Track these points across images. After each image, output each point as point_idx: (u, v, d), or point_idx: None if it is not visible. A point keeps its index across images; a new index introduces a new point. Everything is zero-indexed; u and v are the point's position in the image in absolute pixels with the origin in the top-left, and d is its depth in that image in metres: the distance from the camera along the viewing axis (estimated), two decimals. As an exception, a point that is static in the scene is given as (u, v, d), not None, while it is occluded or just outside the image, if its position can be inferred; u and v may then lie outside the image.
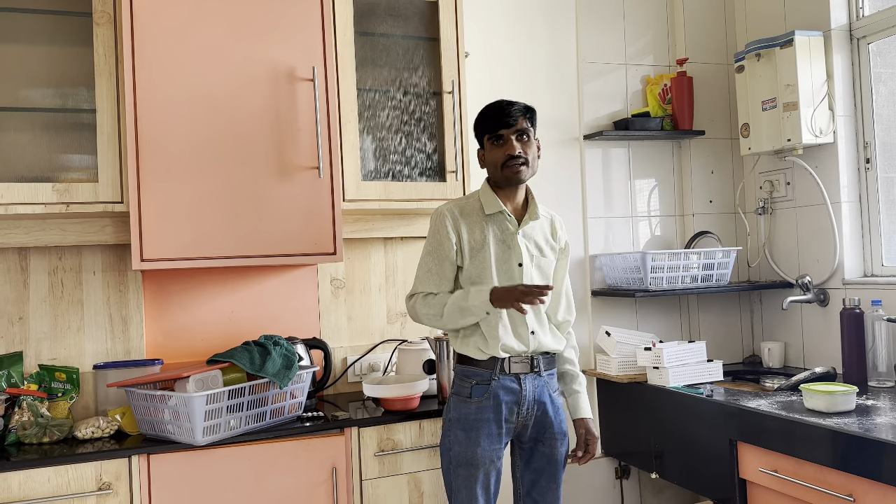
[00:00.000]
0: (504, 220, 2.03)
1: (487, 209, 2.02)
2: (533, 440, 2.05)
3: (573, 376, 2.15)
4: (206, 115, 2.17)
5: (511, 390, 1.98)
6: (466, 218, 2.02)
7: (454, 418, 2.00)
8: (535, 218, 2.05)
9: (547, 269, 2.07)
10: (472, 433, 1.96)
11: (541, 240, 2.07)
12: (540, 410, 2.02)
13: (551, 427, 2.04)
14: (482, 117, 2.03)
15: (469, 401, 1.98)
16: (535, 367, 2.01)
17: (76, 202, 2.12)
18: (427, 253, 2.04)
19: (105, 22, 2.16)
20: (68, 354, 2.36)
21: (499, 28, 2.92)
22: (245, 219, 2.20)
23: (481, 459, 1.95)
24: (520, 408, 2.00)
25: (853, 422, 1.96)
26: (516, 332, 2.00)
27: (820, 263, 2.83)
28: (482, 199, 2.04)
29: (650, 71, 3.14)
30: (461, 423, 1.98)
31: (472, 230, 2.01)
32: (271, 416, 2.14)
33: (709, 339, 3.05)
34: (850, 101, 2.77)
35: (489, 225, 2.02)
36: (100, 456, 1.93)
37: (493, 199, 2.02)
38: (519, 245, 2.02)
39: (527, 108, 2.01)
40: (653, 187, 3.14)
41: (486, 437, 1.96)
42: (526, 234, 2.04)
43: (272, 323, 2.57)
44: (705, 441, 2.39)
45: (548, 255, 2.08)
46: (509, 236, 2.02)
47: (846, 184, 2.75)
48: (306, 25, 2.27)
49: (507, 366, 1.98)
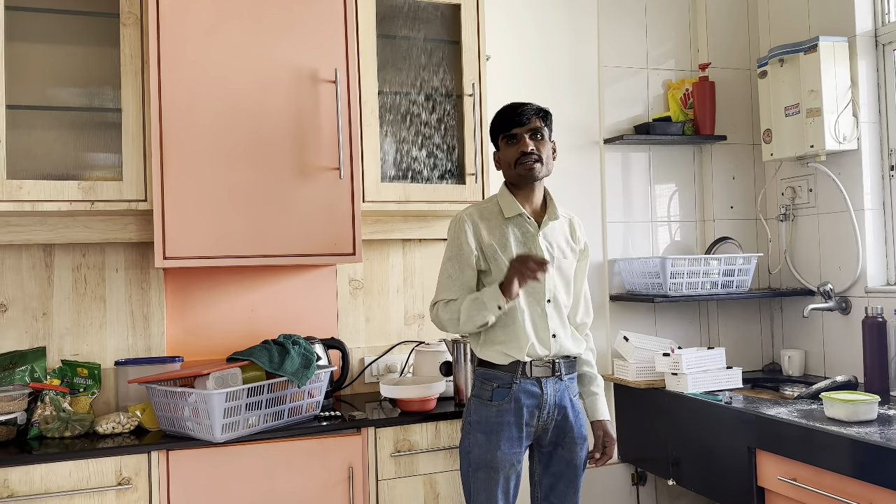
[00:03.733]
0: (524, 222, 2.03)
1: (507, 212, 2.02)
2: (553, 444, 2.04)
3: (591, 378, 2.14)
4: (230, 115, 2.20)
5: (532, 394, 1.98)
6: (486, 222, 2.02)
7: (474, 421, 2.00)
8: (554, 218, 2.05)
9: (567, 270, 2.07)
10: (492, 436, 1.96)
11: (561, 241, 2.07)
12: (560, 415, 2.02)
13: (571, 431, 2.03)
14: (496, 118, 2.04)
15: (490, 404, 1.98)
16: (557, 370, 2.01)
17: (101, 200, 2.15)
18: (448, 259, 2.04)
19: (132, 23, 2.19)
20: (90, 350, 2.39)
21: (520, 31, 2.92)
22: (266, 218, 2.22)
23: (501, 463, 1.95)
24: (541, 412, 1.99)
25: (874, 431, 1.94)
26: (538, 336, 1.99)
27: (842, 271, 2.80)
28: (501, 202, 2.05)
29: (672, 75, 3.13)
30: (481, 426, 1.98)
31: (493, 234, 2.01)
32: (289, 415, 2.16)
33: (728, 346, 3.02)
34: (874, 108, 2.74)
35: (509, 228, 2.02)
36: (120, 451, 1.96)
37: (511, 202, 2.02)
38: (540, 247, 2.02)
39: (540, 108, 2.02)
40: (673, 192, 3.13)
41: (506, 440, 1.96)
42: (546, 235, 2.04)
43: (291, 322, 2.58)
44: (723, 448, 2.37)
45: (568, 256, 2.08)
46: (530, 238, 2.02)
47: (870, 191, 2.72)
48: (329, 28, 2.29)
49: (529, 369, 1.98)
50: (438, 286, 2.06)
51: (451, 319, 1.99)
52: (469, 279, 2.02)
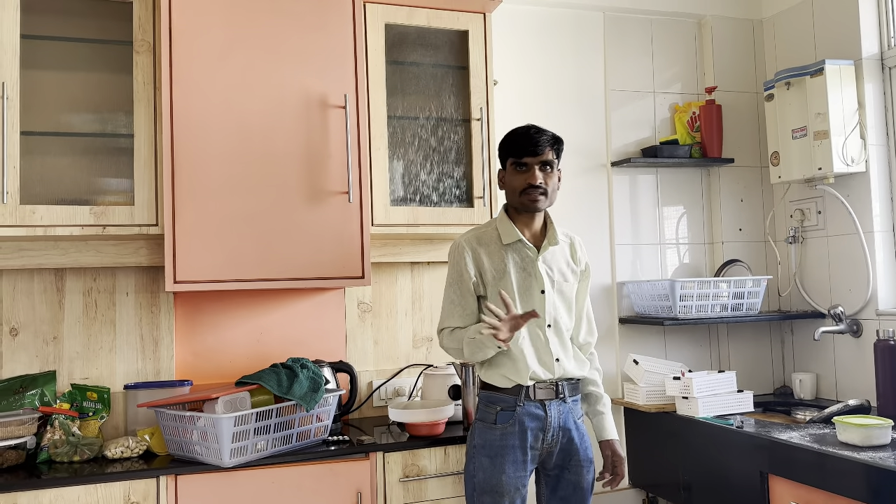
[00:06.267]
0: (523, 248, 2.03)
1: (505, 238, 2.02)
2: (559, 467, 2.03)
3: (597, 397, 2.14)
4: (240, 140, 2.22)
5: (536, 416, 1.97)
6: (485, 248, 2.03)
7: (478, 444, 1.99)
8: (554, 244, 2.05)
9: (569, 293, 2.07)
10: (496, 459, 1.95)
11: (562, 264, 2.07)
12: (565, 437, 2.01)
13: (577, 454, 2.02)
14: (510, 140, 2.03)
15: (494, 427, 1.97)
16: (560, 393, 2.00)
17: (112, 224, 2.17)
18: (449, 285, 2.06)
19: (145, 50, 2.23)
20: (100, 374, 2.40)
21: (527, 56, 2.95)
22: (275, 242, 2.23)
23: (506, 487, 1.94)
24: (545, 434, 1.98)
25: (888, 456, 1.92)
26: (541, 360, 1.99)
27: (852, 293, 2.78)
28: (500, 228, 2.05)
29: (678, 99, 3.15)
30: (486, 450, 1.97)
31: (492, 259, 2.02)
32: (297, 439, 2.15)
33: (739, 369, 3.00)
34: (882, 130, 2.74)
35: (508, 253, 2.02)
36: (128, 476, 1.95)
37: (510, 229, 2.02)
38: (540, 272, 2.02)
39: (555, 138, 2.01)
40: (681, 215, 3.13)
41: (511, 463, 1.95)
42: (546, 259, 2.04)
43: (299, 345, 2.59)
44: (735, 473, 2.34)
45: (569, 279, 2.08)
46: (529, 263, 2.02)
47: (879, 213, 2.71)
48: (339, 54, 2.32)
49: (533, 392, 1.98)
50: (443, 311, 2.07)
51: (457, 349, 2.01)
52: (470, 304, 2.03)
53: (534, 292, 2.01)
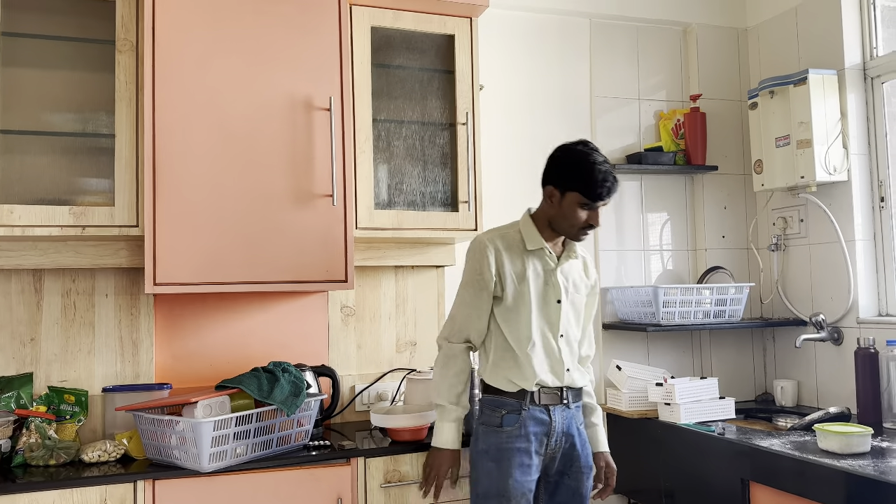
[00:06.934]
0: (545, 256, 2.03)
1: (529, 245, 2.02)
2: (559, 473, 2.02)
3: (591, 409, 2.15)
4: (223, 141, 2.20)
5: (541, 421, 1.97)
6: (509, 251, 2.02)
7: (483, 450, 1.97)
8: (574, 257, 2.08)
9: (578, 306, 2.09)
10: (503, 463, 1.93)
11: (577, 277, 2.09)
12: (568, 443, 2.01)
13: (578, 460, 2.02)
14: (586, 179, 1.93)
15: (500, 430, 1.96)
16: (565, 398, 2.00)
17: (92, 225, 2.14)
18: (464, 285, 2.03)
19: (127, 49, 2.21)
20: (78, 377, 2.36)
21: (514, 62, 2.95)
22: (258, 245, 2.21)
23: (514, 491, 1.91)
24: (549, 440, 1.98)
25: (868, 464, 1.93)
26: (553, 369, 2.00)
27: (834, 301, 2.80)
28: (524, 233, 2.04)
29: (663, 106, 3.16)
30: (490, 454, 1.95)
31: (514, 263, 2.01)
32: (278, 444, 2.13)
33: (720, 376, 3.02)
34: (864, 140, 2.77)
35: (529, 259, 2.02)
36: (105, 480, 1.92)
37: (535, 236, 2.03)
38: (558, 282, 2.03)
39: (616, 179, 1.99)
40: (665, 221, 3.14)
41: (518, 467, 1.93)
42: (563, 271, 2.05)
43: (281, 349, 2.57)
44: (717, 480, 2.35)
45: (581, 292, 2.09)
46: (549, 272, 2.03)
47: (860, 222, 2.73)
48: (324, 57, 2.31)
49: (538, 397, 1.97)
50: (453, 313, 2.06)
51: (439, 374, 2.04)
52: (485, 304, 2.01)
53: (550, 301, 2.02)
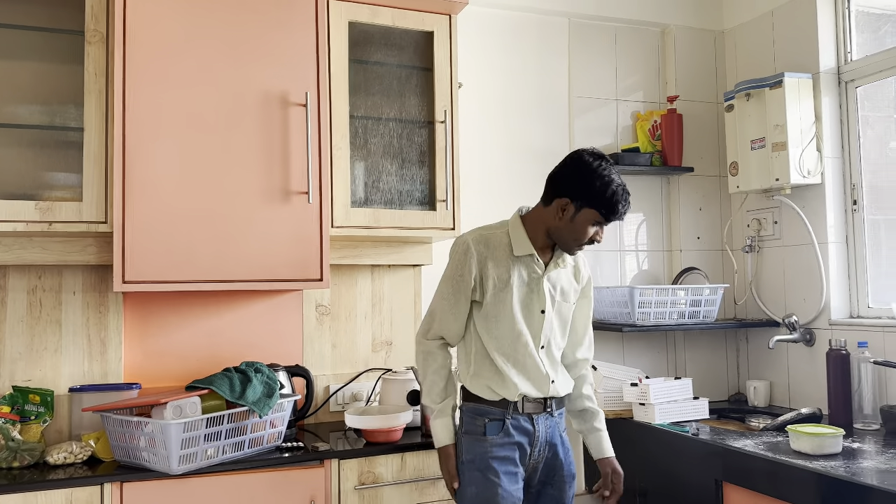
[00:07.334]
0: (532, 263, 1.94)
1: (517, 250, 1.92)
2: (542, 483, 1.97)
3: (593, 413, 2.07)
4: (196, 136, 2.15)
5: (525, 430, 1.91)
6: (492, 253, 1.92)
7: (468, 460, 1.89)
8: (562, 265, 1.98)
9: (565, 315, 2.00)
10: (489, 473, 1.86)
11: (565, 283, 2.00)
12: (551, 452, 1.96)
13: (561, 469, 1.98)
14: (610, 196, 1.85)
15: (484, 439, 1.89)
16: (548, 407, 1.95)
17: (59, 221, 2.09)
18: (445, 279, 1.96)
19: (97, 41, 2.15)
20: (44, 376, 2.30)
21: (492, 60, 2.94)
22: (231, 242, 2.17)
23: (504, 502, 1.85)
24: (532, 449, 1.93)
25: (839, 465, 1.95)
26: (536, 381, 1.93)
27: (806, 303, 2.83)
28: (512, 236, 1.94)
29: (640, 107, 3.16)
30: (476, 464, 1.88)
31: (498, 267, 1.91)
32: (250, 446, 2.09)
33: (695, 376, 3.03)
34: (837, 143, 2.80)
35: (515, 265, 1.93)
36: (71, 483, 1.88)
37: (524, 242, 1.93)
38: (543, 290, 1.94)
39: None
40: (641, 222, 3.15)
41: (505, 475, 1.86)
42: (551, 278, 1.96)
43: (254, 349, 2.53)
44: (691, 480, 2.36)
45: (570, 300, 2.01)
46: (534, 280, 1.94)
47: (833, 224, 2.76)
48: (301, 51, 2.27)
49: (521, 405, 1.91)
50: (433, 306, 1.99)
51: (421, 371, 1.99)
52: (462, 306, 1.93)
53: (534, 310, 1.94)
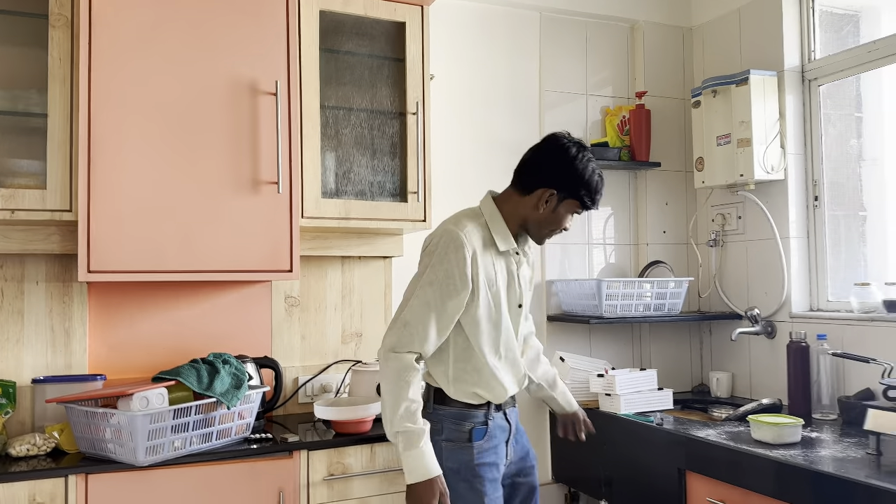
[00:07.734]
0: (511, 258, 1.87)
1: (502, 245, 1.83)
2: (512, 475, 1.98)
3: (555, 374, 2.21)
4: (164, 124, 2.12)
5: (504, 428, 1.92)
6: (483, 251, 1.81)
7: (452, 469, 1.80)
8: (528, 255, 1.95)
9: (528, 303, 1.98)
10: (475, 482, 1.81)
11: (528, 274, 1.96)
12: (518, 443, 1.99)
13: (527, 455, 2.01)
14: (593, 186, 1.85)
15: (468, 446, 1.82)
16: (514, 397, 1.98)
17: (22, 209, 2.04)
18: (429, 283, 1.74)
19: (62, 25, 2.10)
20: (5, 367, 2.25)
21: (462, 52, 2.94)
22: (199, 232, 2.15)
23: None
24: (508, 446, 1.93)
25: (798, 454, 2.00)
26: (517, 378, 1.93)
27: (768, 296, 2.90)
28: (493, 229, 1.84)
29: (610, 102, 3.20)
30: (461, 474, 1.81)
31: (487, 266, 1.81)
32: (217, 437, 2.08)
33: (659, 367, 3.08)
34: (800, 140, 2.86)
35: (498, 259, 1.85)
36: (34, 475, 1.84)
37: (507, 236, 1.85)
38: (520, 284, 1.90)
39: None
40: (609, 215, 3.18)
41: (490, 482, 1.82)
42: (522, 269, 1.92)
43: (222, 340, 2.50)
44: (654, 469, 2.40)
45: (531, 289, 1.98)
46: (511, 276, 1.88)
47: (795, 220, 2.83)
48: (271, 39, 2.25)
49: (503, 403, 1.91)
50: (409, 315, 1.74)
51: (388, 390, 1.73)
52: (451, 312, 1.75)
53: (513, 306, 1.88)
